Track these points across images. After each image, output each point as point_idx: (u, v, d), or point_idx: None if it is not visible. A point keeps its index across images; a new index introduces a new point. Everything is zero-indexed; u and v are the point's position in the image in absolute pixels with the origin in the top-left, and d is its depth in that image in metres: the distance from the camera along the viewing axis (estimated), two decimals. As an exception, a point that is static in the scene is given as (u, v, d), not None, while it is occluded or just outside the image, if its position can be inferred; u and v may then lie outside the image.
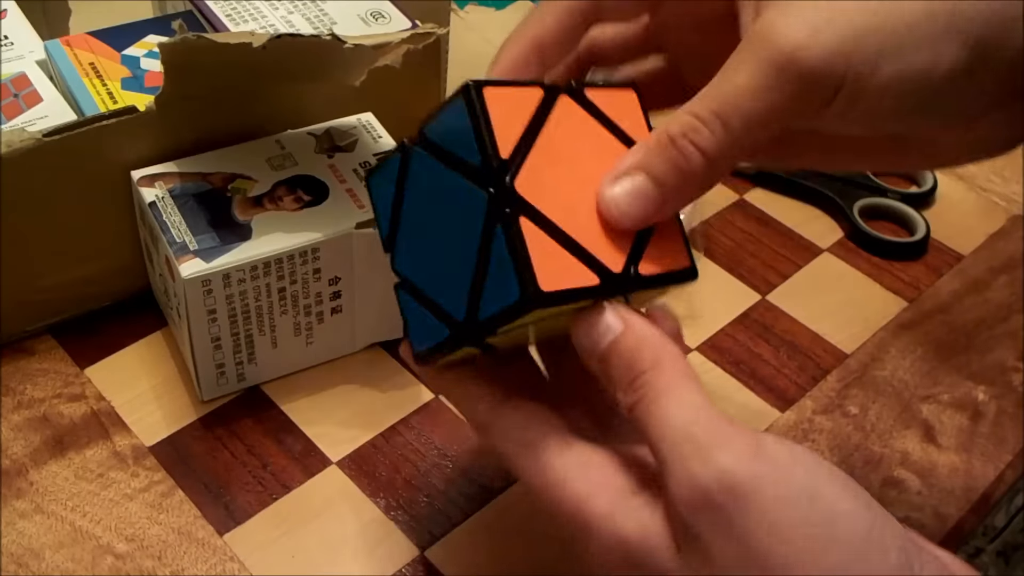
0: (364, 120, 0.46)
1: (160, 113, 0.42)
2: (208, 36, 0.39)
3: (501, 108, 0.29)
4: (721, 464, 0.26)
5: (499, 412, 0.31)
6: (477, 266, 0.29)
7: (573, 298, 0.28)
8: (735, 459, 0.26)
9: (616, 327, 0.29)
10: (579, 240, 0.29)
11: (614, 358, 0.29)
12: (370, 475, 0.42)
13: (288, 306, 0.42)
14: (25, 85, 0.45)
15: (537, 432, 0.30)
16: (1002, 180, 0.58)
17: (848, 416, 0.45)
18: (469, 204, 0.29)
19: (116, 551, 0.38)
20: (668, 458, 0.27)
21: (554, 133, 0.30)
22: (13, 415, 0.42)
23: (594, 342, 0.29)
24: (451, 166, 0.29)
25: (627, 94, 0.32)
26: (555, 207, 0.29)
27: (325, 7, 0.48)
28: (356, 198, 0.42)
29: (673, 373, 0.28)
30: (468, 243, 0.29)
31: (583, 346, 0.29)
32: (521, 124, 0.29)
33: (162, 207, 0.41)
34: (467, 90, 0.29)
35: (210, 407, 0.43)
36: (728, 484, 0.25)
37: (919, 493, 0.43)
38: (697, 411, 0.27)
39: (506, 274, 0.28)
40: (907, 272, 0.53)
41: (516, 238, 0.28)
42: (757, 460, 0.26)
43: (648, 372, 0.28)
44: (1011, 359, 0.48)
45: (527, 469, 0.30)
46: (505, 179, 0.28)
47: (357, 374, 0.45)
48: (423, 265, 0.31)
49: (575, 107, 0.31)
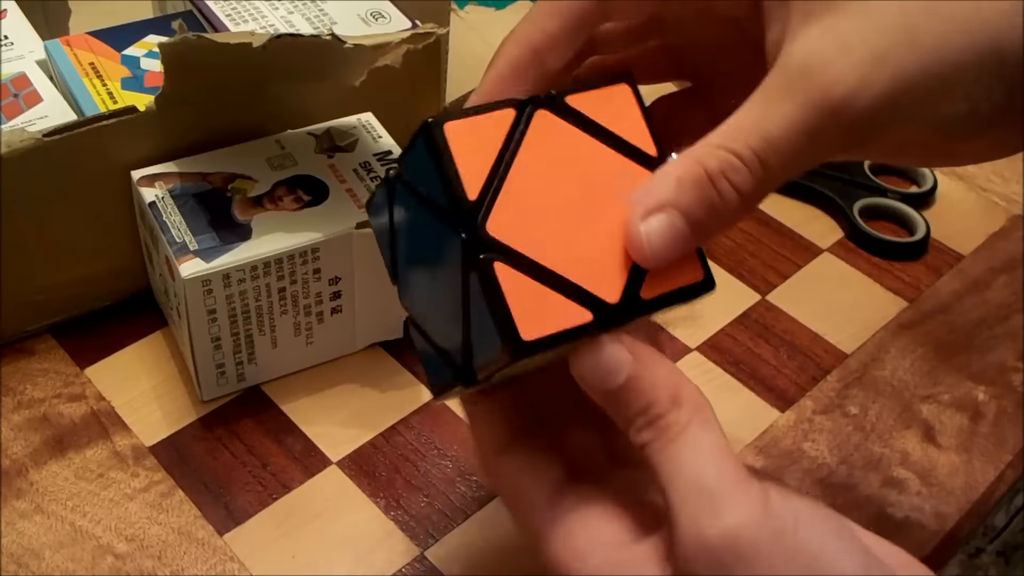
0: (364, 120, 0.46)
1: (160, 113, 0.42)
2: (208, 36, 0.39)
3: (467, 143, 0.27)
4: (729, 523, 0.25)
5: (498, 461, 0.30)
6: (464, 311, 0.27)
7: (563, 340, 0.27)
8: (744, 518, 0.25)
9: (624, 365, 0.27)
10: (567, 274, 0.27)
11: (625, 398, 0.27)
12: (370, 475, 0.42)
13: (288, 306, 0.42)
14: (25, 85, 0.45)
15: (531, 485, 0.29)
16: (1002, 180, 0.58)
17: (848, 416, 0.45)
18: (447, 246, 0.27)
19: (116, 551, 0.38)
20: (677, 507, 0.26)
21: (531, 156, 0.28)
22: (13, 415, 0.42)
23: (600, 380, 0.27)
24: (425, 205, 0.28)
25: (619, 89, 0.29)
26: (537, 242, 0.27)
27: (325, 7, 0.48)
28: (356, 198, 0.42)
29: (690, 415, 0.27)
30: (453, 286, 0.27)
31: (587, 384, 0.28)
32: (490, 156, 0.27)
33: (162, 207, 0.41)
34: (427, 129, 0.27)
35: (210, 407, 0.43)
36: (734, 544, 0.25)
37: (919, 493, 0.43)
38: (711, 460, 0.26)
39: (487, 323, 0.26)
40: (907, 272, 0.53)
41: (492, 287, 0.26)
42: (765, 521, 0.26)
43: (665, 416, 0.27)
44: (1011, 359, 0.48)
45: (523, 525, 0.30)
46: (475, 224, 0.26)
47: (357, 374, 0.45)
48: (421, 303, 0.30)
49: (555, 120, 0.28)
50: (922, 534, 0.41)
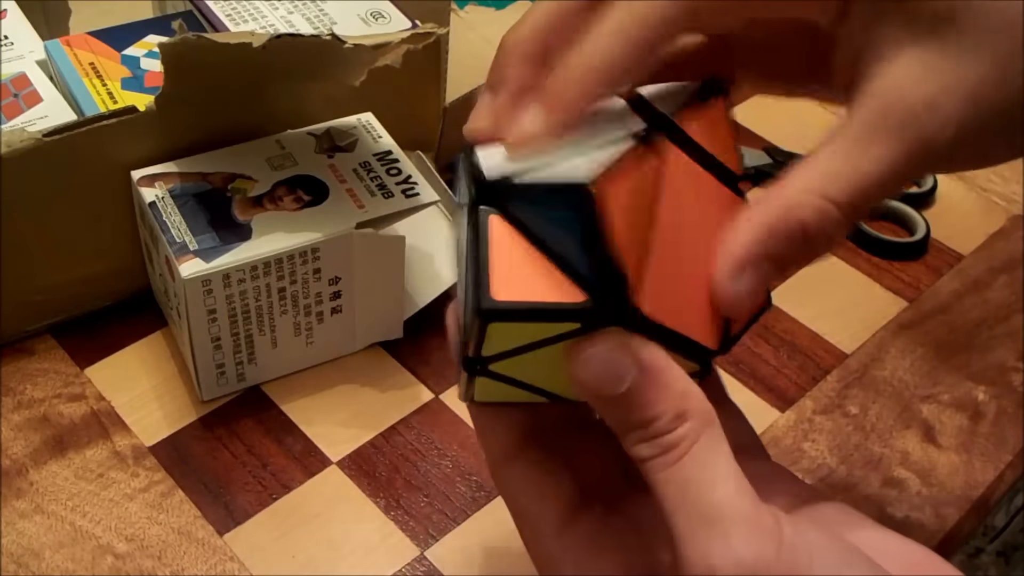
0: (364, 120, 0.46)
1: (160, 113, 0.42)
2: (208, 36, 0.39)
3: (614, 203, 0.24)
4: (743, 556, 0.24)
5: (506, 470, 0.29)
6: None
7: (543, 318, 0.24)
8: (758, 552, 0.24)
9: (629, 372, 0.25)
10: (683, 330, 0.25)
11: (626, 406, 0.25)
12: (370, 475, 0.42)
13: (288, 306, 0.42)
14: (25, 85, 0.45)
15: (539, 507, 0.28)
16: (1002, 180, 0.58)
17: (848, 416, 0.45)
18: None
19: (116, 551, 0.38)
20: (684, 536, 0.24)
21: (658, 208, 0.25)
22: (13, 415, 0.42)
23: (601, 386, 0.25)
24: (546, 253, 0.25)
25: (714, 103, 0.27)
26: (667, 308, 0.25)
27: (325, 7, 0.48)
28: (356, 198, 0.42)
29: (698, 431, 0.25)
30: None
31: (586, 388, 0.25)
32: (633, 216, 0.24)
33: (162, 207, 0.41)
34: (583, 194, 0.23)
35: (210, 407, 0.43)
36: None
37: (919, 493, 0.43)
38: (720, 485, 0.24)
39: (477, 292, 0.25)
40: (907, 272, 0.53)
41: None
42: (780, 555, 0.24)
43: (672, 432, 0.24)
44: (1011, 359, 0.48)
45: (529, 547, 0.29)
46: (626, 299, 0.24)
47: (357, 374, 0.45)
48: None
49: (673, 151, 0.26)
50: (922, 534, 0.41)
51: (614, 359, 0.25)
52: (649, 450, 0.25)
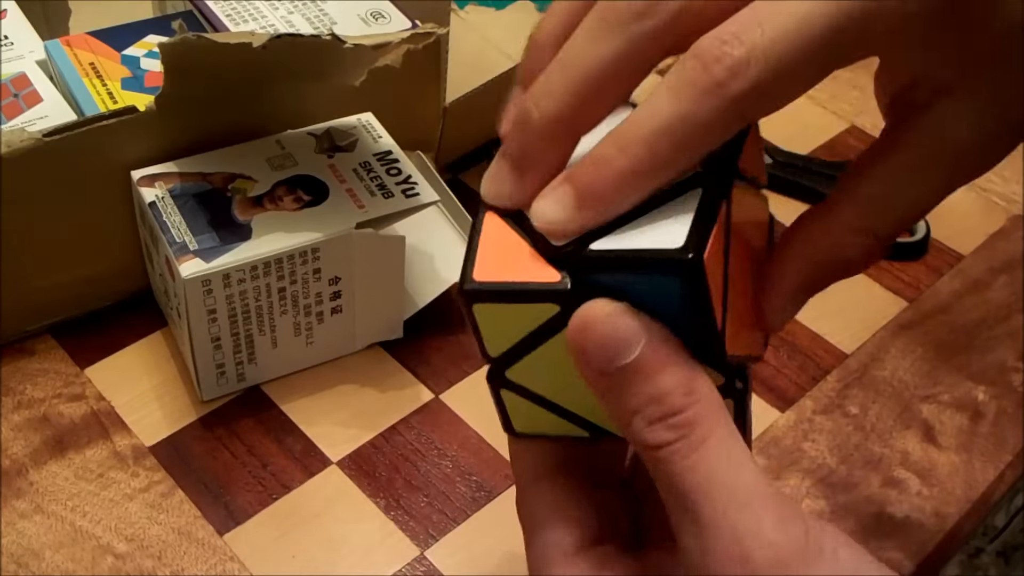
0: (364, 120, 0.46)
1: (160, 113, 0.42)
2: (208, 36, 0.39)
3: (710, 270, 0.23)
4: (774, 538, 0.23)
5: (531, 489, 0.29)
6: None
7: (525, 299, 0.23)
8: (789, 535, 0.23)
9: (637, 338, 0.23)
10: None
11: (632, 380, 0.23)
12: (370, 475, 0.42)
13: (288, 306, 0.42)
14: (25, 85, 0.45)
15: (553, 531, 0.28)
16: (1002, 180, 0.58)
17: (848, 416, 0.45)
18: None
19: (116, 551, 0.38)
20: (710, 520, 0.23)
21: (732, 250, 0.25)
22: (13, 415, 0.42)
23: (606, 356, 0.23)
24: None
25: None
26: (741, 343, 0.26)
27: (325, 7, 0.48)
28: (356, 198, 0.42)
29: (715, 418, 0.23)
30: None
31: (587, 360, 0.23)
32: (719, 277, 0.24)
33: (162, 207, 0.41)
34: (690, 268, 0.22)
35: (210, 407, 0.43)
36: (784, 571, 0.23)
37: (919, 493, 0.43)
38: (746, 465, 0.23)
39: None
40: (907, 272, 0.53)
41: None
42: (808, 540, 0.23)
43: (686, 410, 0.23)
44: (1011, 359, 0.48)
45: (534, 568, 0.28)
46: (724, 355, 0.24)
47: (357, 374, 0.45)
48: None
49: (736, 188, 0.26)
50: (922, 534, 0.41)
51: (620, 324, 0.23)
52: (668, 433, 0.23)
